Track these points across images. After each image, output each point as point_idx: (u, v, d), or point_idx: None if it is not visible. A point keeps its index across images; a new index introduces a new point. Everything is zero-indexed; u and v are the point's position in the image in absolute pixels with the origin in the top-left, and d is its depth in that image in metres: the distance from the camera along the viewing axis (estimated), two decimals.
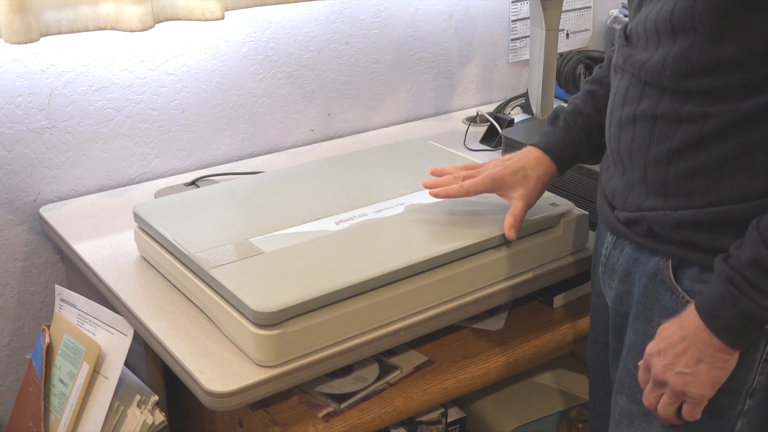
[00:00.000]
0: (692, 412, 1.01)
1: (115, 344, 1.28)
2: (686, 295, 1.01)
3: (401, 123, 2.01)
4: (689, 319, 0.98)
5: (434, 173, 1.33)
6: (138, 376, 1.35)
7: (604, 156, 1.16)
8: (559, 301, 1.43)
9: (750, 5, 0.91)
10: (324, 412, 1.18)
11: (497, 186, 1.25)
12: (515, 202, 1.24)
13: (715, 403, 1.02)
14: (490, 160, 1.30)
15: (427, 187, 1.31)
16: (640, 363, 1.05)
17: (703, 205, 0.99)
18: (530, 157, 1.25)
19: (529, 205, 1.25)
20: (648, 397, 1.04)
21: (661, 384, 1.01)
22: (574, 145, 1.25)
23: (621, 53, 1.08)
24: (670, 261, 1.03)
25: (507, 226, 1.24)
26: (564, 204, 1.36)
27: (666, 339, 1.00)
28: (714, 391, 0.99)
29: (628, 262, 1.10)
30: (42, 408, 1.35)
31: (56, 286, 1.43)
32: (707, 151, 0.98)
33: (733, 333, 0.95)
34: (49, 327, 1.39)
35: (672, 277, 1.03)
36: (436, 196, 1.30)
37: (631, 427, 1.10)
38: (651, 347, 1.02)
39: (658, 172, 1.02)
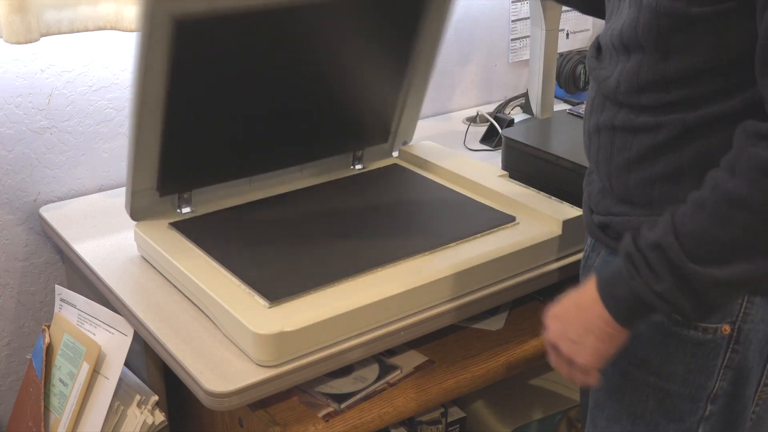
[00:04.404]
0: (581, 379, 1.02)
1: (115, 344, 1.29)
2: None
3: None
4: (587, 288, 0.98)
5: None
6: (138, 376, 1.35)
7: None
8: None
9: (686, 25, 0.92)
10: (324, 412, 1.18)
11: None
12: None
13: (675, 408, 1.03)
14: None
15: None
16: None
17: (665, 213, 0.99)
18: None
19: None
20: (549, 356, 1.05)
21: (554, 347, 1.03)
22: None
23: (589, 63, 1.10)
24: None
25: None
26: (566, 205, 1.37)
27: (564, 304, 1.01)
28: (600, 363, 0.99)
29: (602, 264, 1.11)
30: (42, 408, 1.35)
31: (56, 286, 1.43)
32: (663, 160, 0.98)
33: (621, 309, 0.95)
34: (49, 327, 1.39)
35: None
36: None
37: (596, 427, 1.11)
38: (550, 310, 1.03)
39: (621, 182, 1.03)
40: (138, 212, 1.35)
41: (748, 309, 0.98)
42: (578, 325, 0.99)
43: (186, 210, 1.39)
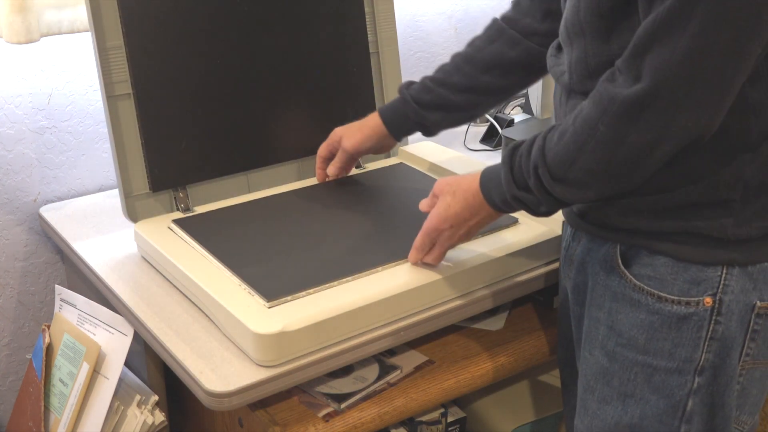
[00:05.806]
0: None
1: (115, 344, 1.29)
2: (634, 279, 1.05)
3: None
4: (480, 205, 1.11)
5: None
6: (138, 376, 1.35)
7: None
8: (559, 301, 1.43)
9: (626, 4, 0.95)
10: (324, 412, 1.18)
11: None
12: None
13: (664, 383, 1.04)
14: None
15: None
16: (421, 235, 1.18)
17: (642, 193, 1.02)
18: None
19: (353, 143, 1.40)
20: (430, 255, 1.19)
21: (449, 247, 1.18)
22: (405, 112, 1.38)
23: (549, 62, 1.14)
24: (618, 247, 1.07)
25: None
26: None
27: (457, 216, 1.13)
28: None
29: (583, 251, 1.13)
30: (42, 408, 1.35)
31: (56, 286, 1.43)
32: None
33: (510, 212, 1.13)
34: (49, 327, 1.39)
35: (620, 262, 1.06)
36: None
37: (587, 414, 1.12)
38: (439, 223, 1.15)
39: None
40: (134, 212, 1.35)
41: (728, 280, 1.01)
42: (479, 226, 1.15)
43: (185, 210, 1.39)
